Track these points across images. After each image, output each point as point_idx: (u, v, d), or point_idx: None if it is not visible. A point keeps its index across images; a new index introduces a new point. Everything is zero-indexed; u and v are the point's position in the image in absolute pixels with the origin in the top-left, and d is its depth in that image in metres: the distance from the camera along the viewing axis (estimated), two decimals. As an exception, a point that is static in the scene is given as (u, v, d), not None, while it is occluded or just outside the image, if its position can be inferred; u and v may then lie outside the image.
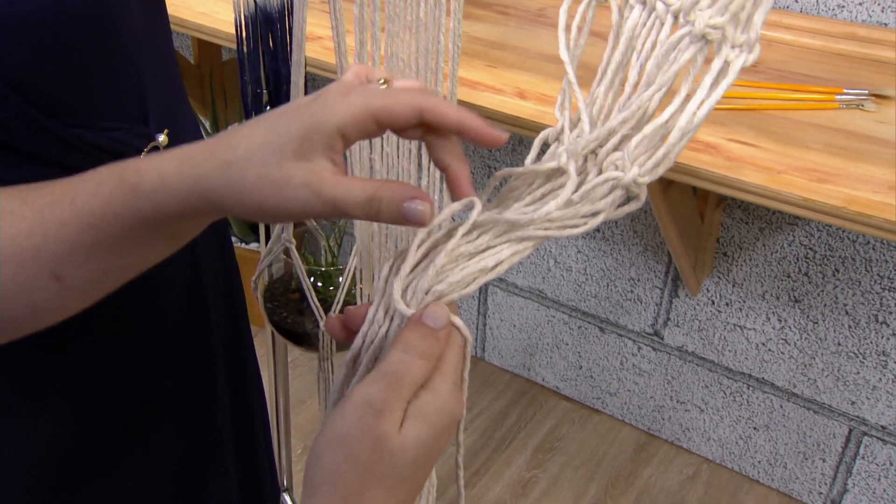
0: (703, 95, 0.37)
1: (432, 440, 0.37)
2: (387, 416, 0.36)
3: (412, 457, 0.37)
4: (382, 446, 0.36)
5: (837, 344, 1.42)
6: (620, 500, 1.58)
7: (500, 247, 0.39)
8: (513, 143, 1.61)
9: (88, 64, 0.49)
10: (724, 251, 1.46)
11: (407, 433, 0.37)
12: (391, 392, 0.37)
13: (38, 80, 0.47)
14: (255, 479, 0.80)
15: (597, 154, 0.40)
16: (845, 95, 0.98)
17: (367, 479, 0.37)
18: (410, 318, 0.39)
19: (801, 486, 1.58)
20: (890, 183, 0.82)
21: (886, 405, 1.42)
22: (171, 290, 0.61)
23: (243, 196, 0.38)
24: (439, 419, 0.37)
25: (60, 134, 0.48)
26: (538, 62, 1.10)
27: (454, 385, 0.39)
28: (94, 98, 0.51)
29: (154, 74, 0.56)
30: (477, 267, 0.39)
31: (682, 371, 1.62)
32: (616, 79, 0.41)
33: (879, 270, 1.32)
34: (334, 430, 0.37)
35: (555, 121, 0.94)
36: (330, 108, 0.38)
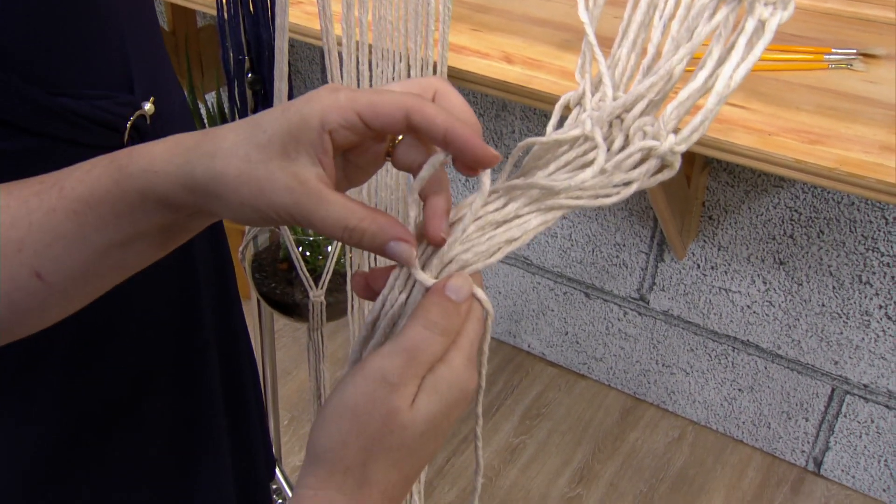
0: (738, 58, 0.35)
1: (443, 414, 0.37)
2: (400, 391, 0.36)
3: (421, 430, 0.36)
4: (393, 420, 0.36)
5: (821, 305, 1.43)
6: (607, 463, 1.60)
7: (528, 216, 0.38)
8: (496, 108, 1.59)
9: (70, 31, 0.48)
10: (710, 215, 1.46)
11: (418, 407, 0.36)
12: (408, 368, 0.36)
13: (20, 49, 0.45)
14: (248, 451, 0.80)
15: (622, 119, 0.39)
16: (834, 55, 0.97)
17: (373, 451, 0.36)
18: (432, 289, 0.37)
19: (785, 446, 1.60)
20: (881, 143, 0.81)
21: (868, 364, 1.44)
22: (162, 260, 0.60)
23: (225, 191, 0.36)
24: (451, 393, 0.37)
25: (44, 103, 0.47)
26: (524, 25, 1.08)
27: (469, 359, 0.38)
28: (77, 66, 0.49)
29: (138, 41, 0.55)
30: (504, 237, 0.38)
31: (667, 335, 1.63)
32: (638, 40, 0.40)
33: (863, 231, 1.33)
34: (343, 399, 0.36)
35: (543, 84, 0.93)
36: (315, 103, 0.36)
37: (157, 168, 0.37)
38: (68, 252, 0.39)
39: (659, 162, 0.38)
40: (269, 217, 0.37)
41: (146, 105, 0.55)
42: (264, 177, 0.36)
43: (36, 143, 0.49)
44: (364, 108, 0.36)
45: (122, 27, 0.53)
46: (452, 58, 0.99)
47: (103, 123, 0.51)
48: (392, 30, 0.63)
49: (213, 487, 0.72)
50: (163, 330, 0.62)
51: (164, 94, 0.58)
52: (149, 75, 0.56)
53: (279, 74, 0.75)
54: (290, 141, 0.36)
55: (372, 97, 0.36)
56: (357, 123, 0.36)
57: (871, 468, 1.52)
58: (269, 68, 0.91)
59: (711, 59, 0.36)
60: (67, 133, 0.49)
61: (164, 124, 0.58)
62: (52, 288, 0.40)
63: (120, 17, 0.52)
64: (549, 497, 1.53)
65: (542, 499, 1.53)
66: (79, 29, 0.49)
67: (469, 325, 0.38)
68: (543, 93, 0.91)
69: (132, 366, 0.60)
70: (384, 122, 0.36)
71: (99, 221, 0.39)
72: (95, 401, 0.59)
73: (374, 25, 0.64)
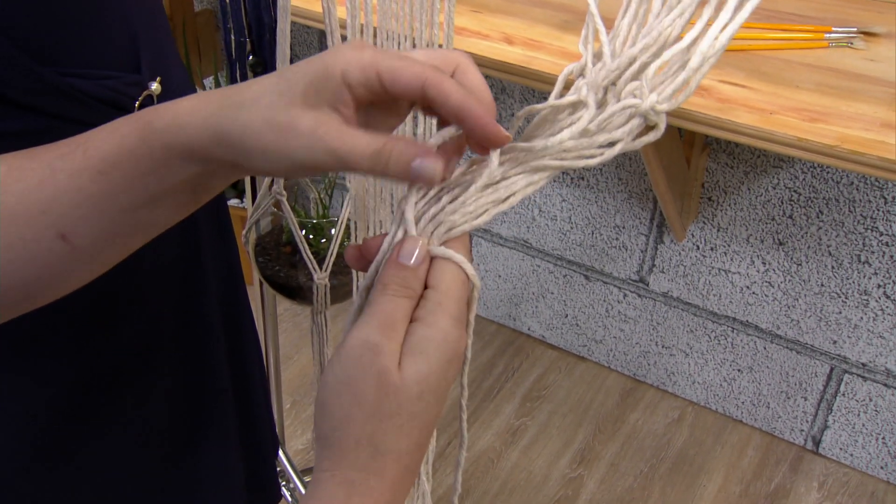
0: (725, 19, 0.36)
1: (435, 375, 0.37)
2: (384, 353, 0.36)
3: (416, 392, 0.36)
4: (385, 381, 0.36)
5: (820, 285, 1.44)
6: (608, 444, 1.61)
7: (514, 178, 0.39)
8: (496, 90, 1.59)
9: (79, 11, 0.48)
10: (709, 196, 1.46)
11: (406, 368, 0.36)
12: (383, 330, 0.37)
13: (30, 29, 0.45)
14: (254, 427, 0.80)
15: (616, 85, 0.39)
16: (834, 34, 0.97)
17: (377, 418, 0.36)
18: (388, 258, 0.38)
19: (784, 425, 1.61)
20: (882, 120, 0.82)
21: (867, 343, 1.45)
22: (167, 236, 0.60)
23: (248, 139, 0.37)
24: (439, 353, 0.37)
25: (55, 82, 0.47)
26: (523, 7, 1.08)
27: (455, 320, 0.38)
28: (86, 46, 0.49)
29: (144, 21, 0.55)
30: (490, 198, 0.39)
31: (667, 316, 1.64)
32: (640, 10, 0.40)
33: (862, 211, 1.34)
34: (335, 376, 0.37)
35: (543, 65, 0.93)
36: (339, 56, 0.37)
37: (183, 121, 0.38)
38: (94, 213, 0.39)
39: (642, 122, 0.38)
40: (295, 162, 0.37)
41: (153, 85, 0.55)
42: (286, 121, 0.36)
43: (44, 123, 0.49)
44: (385, 70, 0.36)
45: (129, 7, 0.53)
46: (454, 39, 0.99)
47: (112, 103, 0.51)
48: (397, 9, 0.63)
49: (220, 463, 0.73)
50: (169, 304, 0.63)
51: (169, 73, 0.58)
52: (155, 55, 0.56)
53: (282, 56, 0.75)
54: (311, 89, 0.37)
55: (394, 62, 0.37)
56: (375, 84, 0.37)
57: (868, 446, 1.54)
58: (269, 50, 0.91)
59: (701, 20, 0.37)
60: (76, 113, 0.49)
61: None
62: (77, 250, 0.40)
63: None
64: (551, 478, 1.54)
65: (543, 480, 1.54)
66: (87, 9, 0.49)
67: (453, 286, 0.38)
68: (544, 73, 0.92)
69: (139, 339, 0.60)
70: (402, 89, 0.37)
71: (125, 180, 0.39)
72: (103, 372, 0.59)
73: (380, 5, 0.64)
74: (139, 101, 0.54)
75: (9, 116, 0.47)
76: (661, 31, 0.37)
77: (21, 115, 0.48)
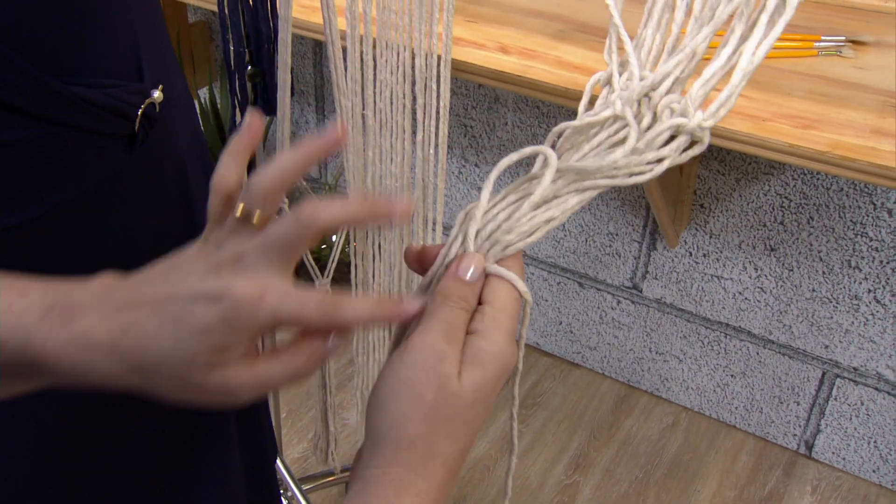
0: (760, 34, 0.37)
1: (489, 385, 0.38)
2: (448, 359, 0.38)
3: (471, 400, 0.38)
4: (446, 387, 0.37)
5: (812, 290, 1.45)
6: (603, 451, 1.62)
7: (566, 196, 0.40)
8: (489, 100, 1.60)
9: (84, 20, 0.48)
10: (702, 203, 1.48)
11: (465, 377, 0.38)
12: (446, 337, 0.38)
13: (36, 38, 0.46)
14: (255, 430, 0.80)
15: (650, 98, 0.40)
16: (823, 43, 0.99)
17: (433, 421, 0.37)
18: (447, 271, 0.40)
19: (777, 430, 1.62)
20: (872, 127, 0.83)
21: (858, 347, 1.46)
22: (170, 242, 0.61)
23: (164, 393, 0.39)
24: (494, 366, 0.39)
25: (61, 92, 0.47)
26: (518, 16, 1.09)
27: (508, 335, 0.40)
28: (91, 55, 0.50)
29: (146, 30, 0.55)
30: (543, 217, 0.40)
31: (660, 323, 1.65)
32: (663, 19, 0.41)
33: (852, 217, 1.35)
34: (397, 377, 0.38)
35: (539, 74, 0.94)
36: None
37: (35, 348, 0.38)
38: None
39: (688, 138, 0.40)
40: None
41: (155, 93, 0.55)
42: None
43: (49, 131, 0.49)
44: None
45: (131, 15, 0.53)
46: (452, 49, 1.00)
47: (116, 112, 0.52)
48: (396, 20, 0.64)
49: (221, 470, 0.73)
50: None
51: (169, 80, 0.59)
52: (156, 63, 0.57)
53: (283, 66, 0.76)
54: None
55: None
56: None
57: (860, 450, 1.55)
58: (268, 61, 0.92)
59: (734, 36, 0.38)
60: (81, 121, 0.50)
61: (171, 111, 0.59)
62: None
63: (130, 5, 0.53)
64: (547, 485, 1.55)
65: (539, 486, 1.54)
66: (92, 18, 0.49)
67: (507, 303, 0.40)
68: (540, 82, 0.93)
69: None
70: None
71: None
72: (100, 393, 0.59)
73: (379, 17, 0.65)
74: (142, 109, 0.54)
75: (11, 125, 0.48)
76: (695, 48, 0.38)
77: (23, 124, 0.48)
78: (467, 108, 1.64)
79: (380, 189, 0.74)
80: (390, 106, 0.67)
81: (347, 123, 0.73)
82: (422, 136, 0.67)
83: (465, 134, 1.67)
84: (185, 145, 0.62)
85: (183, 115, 0.62)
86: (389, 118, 0.68)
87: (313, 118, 1.87)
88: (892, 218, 1.33)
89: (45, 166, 0.50)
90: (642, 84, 0.40)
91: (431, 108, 0.65)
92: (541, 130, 1.58)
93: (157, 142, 0.57)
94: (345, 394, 1.67)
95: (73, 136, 0.50)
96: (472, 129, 1.65)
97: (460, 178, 1.72)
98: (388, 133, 0.68)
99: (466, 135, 1.67)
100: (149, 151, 0.56)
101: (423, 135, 0.67)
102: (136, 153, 0.54)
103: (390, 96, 0.67)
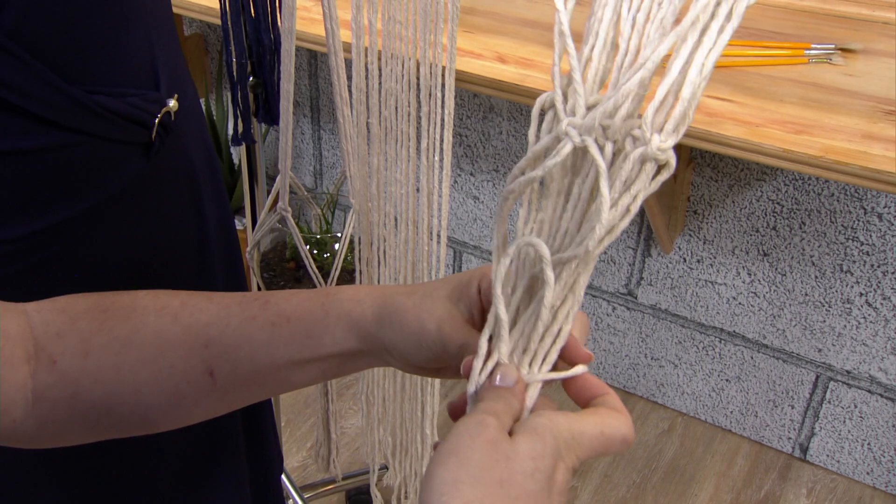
0: (710, 44, 0.36)
1: (550, 458, 0.35)
2: (493, 426, 0.36)
3: (531, 468, 0.35)
4: (495, 447, 0.35)
5: (804, 294, 1.47)
6: (600, 457, 1.63)
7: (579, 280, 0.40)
8: (483, 109, 1.62)
9: (105, 32, 0.50)
10: (695, 209, 1.50)
11: (519, 441, 0.36)
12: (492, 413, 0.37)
13: (59, 49, 0.47)
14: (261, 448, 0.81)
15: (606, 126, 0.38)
16: (813, 50, 1.01)
17: (486, 482, 0.34)
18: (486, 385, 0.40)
19: (772, 433, 1.64)
20: (863, 132, 0.85)
21: (851, 350, 1.48)
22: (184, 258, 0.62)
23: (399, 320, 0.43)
24: (553, 438, 0.36)
25: (83, 101, 0.49)
26: (514, 27, 1.11)
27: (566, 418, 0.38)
28: (111, 65, 0.51)
29: (161, 40, 0.57)
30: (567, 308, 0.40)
31: (655, 328, 1.67)
32: (609, 37, 0.39)
33: (843, 221, 1.38)
34: (444, 447, 0.36)
35: (537, 82, 0.96)
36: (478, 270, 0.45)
37: (360, 297, 0.44)
38: (248, 360, 0.42)
39: (654, 165, 0.37)
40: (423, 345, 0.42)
41: (171, 102, 0.57)
42: (427, 308, 0.43)
43: (70, 139, 0.51)
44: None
45: (148, 27, 0.55)
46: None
47: (135, 120, 0.53)
48: (401, 30, 0.65)
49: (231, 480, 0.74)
50: None
51: (184, 90, 0.60)
52: (171, 72, 0.58)
53: (287, 76, 0.77)
54: (454, 291, 0.44)
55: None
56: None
57: (855, 452, 1.57)
58: (269, 71, 0.93)
59: (686, 48, 0.36)
60: (102, 129, 0.51)
61: (185, 119, 0.60)
62: (216, 388, 0.43)
63: (146, 16, 0.54)
64: (545, 490, 1.56)
65: (537, 492, 1.55)
66: (112, 30, 0.51)
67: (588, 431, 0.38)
68: (538, 90, 0.94)
69: None
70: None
71: (290, 336, 0.42)
72: None
73: (384, 27, 0.66)
74: (158, 118, 0.56)
75: (31, 133, 0.49)
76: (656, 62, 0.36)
77: (44, 132, 0.49)
78: (462, 118, 1.65)
79: (385, 195, 0.76)
80: (395, 114, 0.69)
81: (351, 131, 0.74)
82: (426, 143, 0.69)
83: (459, 143, 1.69)
84: (195, 151, 0.63)
85: (194, 122, 0.63)
86: (394, 126, 0.69)
87: (309, 128, 1.89)
88: (882, 222, 1.35)
89: (65, 174, 0.51)
90: (602, 109, 0.37)
91: (436, 115, 0.67)
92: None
93: (172, 149, 0.58)
94: (344, 402, 1.68)
95: (92, 143, 0.52)
96: (467, 138, 1.67)
97: (455, 188, 1.74)
98: (394, 140, 0.70)
99: (461, 144, 1.69)
100: (163, 158, 0.57)
101: (428, 142, 0.69)
102: (151, 160, 0.56)
103: (395, 104, 0.69)
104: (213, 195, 0.67)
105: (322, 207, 0.91)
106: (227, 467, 0.74)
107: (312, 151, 1.92)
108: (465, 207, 1.76)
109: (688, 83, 0.36)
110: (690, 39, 0.37)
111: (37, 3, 0.45)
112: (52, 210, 0.51)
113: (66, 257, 0.53)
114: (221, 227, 0.70)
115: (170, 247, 0.59)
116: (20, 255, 0.51)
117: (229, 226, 0.73)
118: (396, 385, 0.84)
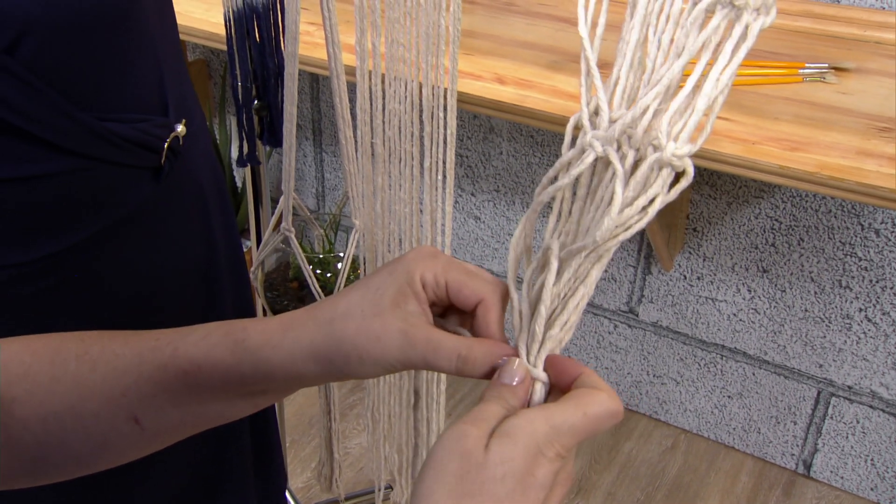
0: (724, 61, 0.38)
1: (519, 459, 0.36)
2: (470, 437, 0.37)
3: (500, 473, 0.36)
4: (468, 459, 0.36)
5: (804, 310, 1.48)
6: (604, 474, 1.63)
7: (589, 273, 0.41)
8: (484, 130, 1.64)
9: (115, 59, 0.51)
10: (694, 227, 1.51)
11: (492, 448, 0.36)
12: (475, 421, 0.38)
13: (71, 76, 0.48)
14: (268, 465, 0.82)
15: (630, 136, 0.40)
16: (807, 69, 1.03)
17: (458, 495, 0.35)
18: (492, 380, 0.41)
19: (775, 450, 1.64)
20: (857, 149, 0.87)
21: (852, 366, 1.49)
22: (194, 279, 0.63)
23: (346, 350, 0.40)
24: (525, 440, 0.36)
25: (94, 128, 0.50)
26: (512, 48, 1.13)
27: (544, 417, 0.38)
28: (121, 91, 0.52)
29: (169, 66, 0.58)
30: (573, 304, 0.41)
31: (657, 346, 1.67)
32: (636, 57, 0.42)
33: (841, 237, 1.39)
34: (425, 463, 0.37)
35: (536, 103, 0.98)
36: (419, 262, 0.42)
37: (273, 343, 0.41)
38: (170, 404, 0.42)
39: (671, 171, 0.39)
40: (388, 363, 0.40)
41: (179, 127, 0.58)
42: (379, 326, 0.40)
43: (81, 164, 0.52)
44: (452, 282, 0.42)
45: (157, 53, 0.56)
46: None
47: (145, 145, 0.54)
48: (404, 51, 0.67)
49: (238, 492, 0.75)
50: None
51: (191, 115, 0.62)
52: (179, 98, 0.60)
53: (290, 99, 0.79)
54: (399, 295, 0.41)
55: (461, 277, 0.42)
56: (442, 291, 0.42)
57: (858, 468, 1.57)
58: (273, 95, 0.95)
59: (700, 64, 0.39)
60: (112, 155, 0.53)
61: (192, 144, 0.62)
62: (144, 434, 0.42)
63: (155, 43, 0.56)
64: (549, 509, 1.55)
65: (542, 511, 1.55)
66: (122, 57, 0.52)
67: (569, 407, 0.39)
68: (537, 111, 0.96)
69: None
70: (460, 302, 0.42)
71: (206, 384, 0.41)
72: None
73: (387, 48, 0.68)
74: (167, 143, 0.57)
75: (44, 159, 0.50)
76: (672, 78, 0.39)
77: (56, 158, 0.50)
78: (462, 139, 1.67)
79: (389, 214, 0.77)
80: (399, 134, 0.70)
81: (354, 153, 0.76)
82: (429, 162, 0.70)
83: (460, 164, 1.71)
84: (204, 175, 0.64)
85: (202, 146, 0.65)
86: (398, 146, 0.71)
87: (311, 151, 1.91)
88: (879, 238, 1.36)
89: (76, 198, 0.52)
90: (622, 122, 0.40)
91: (439, 136, 0.68)
92: (535, 160, 1.61)
93: (180, 172, 0.59)
94: (348, 421, 1.68)
95: (103, 168, 0.53)
96: (468, 158, 1.69)
97: (456, 208, 1.75)
98: (397, 160, 0.71)
99: (462, 164, 1.70)
100: (172, 182, 0.58)
101: (431, 161, 0.70)
102: (161, 184, 0.57)
103: (399, 125, 0.70)
104: (221, 217, 0.68)
105: (325, 228, 0.92)
106: (236, 483, 0.74)
107: (315, 174, 1.94)
108: (466, 227, 1.77)
109: (703, 95, 0.39)
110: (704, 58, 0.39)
111: (54, 34, 0.46)
112: (64, 234, 0.52)
113: (77, 280, 0.54)
114: (229, 248, 0.71)
115: (180, 268, 0.61)
116: (32, 279, 0.52)
117: (237, 246, 0.75)
118: (402, 402, 0.85)
